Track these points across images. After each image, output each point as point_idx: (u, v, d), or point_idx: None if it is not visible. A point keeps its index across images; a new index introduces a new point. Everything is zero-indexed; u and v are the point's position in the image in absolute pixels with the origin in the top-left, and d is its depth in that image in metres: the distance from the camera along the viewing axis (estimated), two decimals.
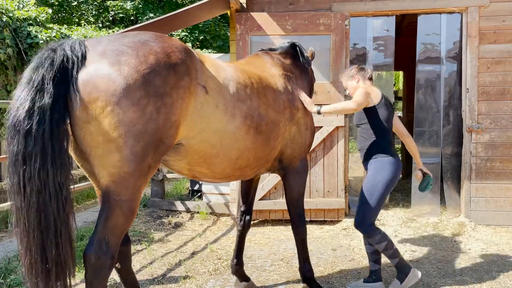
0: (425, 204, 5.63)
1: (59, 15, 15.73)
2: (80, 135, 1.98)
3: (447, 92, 5.75)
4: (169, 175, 6.33)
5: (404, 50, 7.27)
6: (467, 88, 5.26)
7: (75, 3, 15.35)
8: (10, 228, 4.80)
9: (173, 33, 13.89)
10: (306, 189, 5.31)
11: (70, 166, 1.96)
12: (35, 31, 6.24)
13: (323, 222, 5.38)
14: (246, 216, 3.37)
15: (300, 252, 3.32)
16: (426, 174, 3.50)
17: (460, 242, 4.61)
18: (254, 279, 3.57)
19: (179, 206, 6.03)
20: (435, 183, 5.64)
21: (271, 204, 5.38)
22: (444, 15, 5.53)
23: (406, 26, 7.52)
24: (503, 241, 4.65)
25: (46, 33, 6.36)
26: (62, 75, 1.93)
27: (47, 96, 1.87)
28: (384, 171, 3.16)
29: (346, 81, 3.42)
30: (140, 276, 3.70)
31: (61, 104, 1.91)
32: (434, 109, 5.78)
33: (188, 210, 5.98)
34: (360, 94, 3.10)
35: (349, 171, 5.88)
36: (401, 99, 10.50)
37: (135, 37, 2.15)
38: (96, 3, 15.91)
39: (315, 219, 5.39)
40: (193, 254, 4.33)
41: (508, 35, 5.17)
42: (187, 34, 14.88)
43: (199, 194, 6.52)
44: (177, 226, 5.38)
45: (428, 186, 3.48)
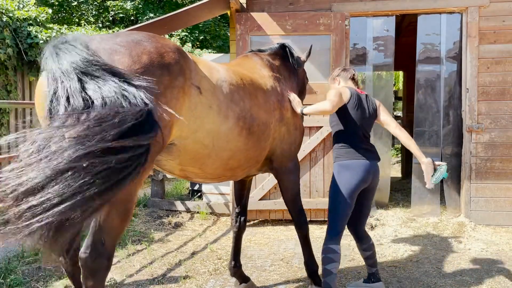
0: (425, 204, 5.63)
1: (59, 15, 15.73)
2: None
3: (447, 92, 5.75)
4: (169, 175, 6.33)
5: (404, 50, 7.27)
6: (467, 88, 5.26)
7: (75, 3, 15.35)
8: None
9: (173, 33, 13.90)
10: (306, 189, 5.36)
11: None
12: (35, 31, 6.24)
13: (323, 222, 5.37)
14: (241, 217, 3.37)
15: (304, 248, 3.33)
16: (438, 165, 3.02)
17: (460, 242, 4.61)
18: (254, 279, 3.57)
19: (179, 206, 6.03)
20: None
21: (271, 204, 5.38)
22: (444, 15, 5.53)
23: (406, 26, 7.52)
24: (503, 241, 4.65)
25: (46, 33, 6.36)
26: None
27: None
28: (342, 177, 3.00)
29: (330, 83, 3.40)
30: (140, 276, 3.70)
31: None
32: (434, 109, 5.78)
33: (188, 210, 5.98)
34: (333, 94, 3.01)
35: None
36: (401, 99, 10.50)
37: (128, 36, 2.12)
38: (96, 3, 15.90)
39: (315, 219, 5.39)
40: (193, 254, 4.33)
41: (508, 35, 5.17)
42: (187, 34, 14.87)
43: (199, 194, 6.53)
44: (177, 226, 5.38)
45: (444, 174, 3.00)
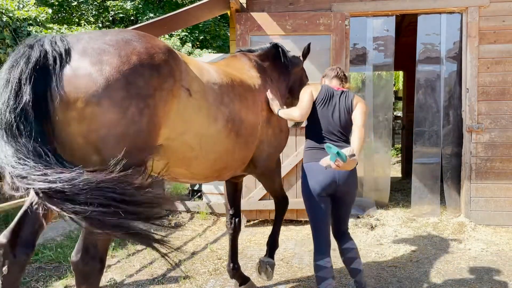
0: (425, 204, 5.63)
1: (59, 15, 15.73)
2: (60, 136, 1.89)
3: (447, 92, 5.75)
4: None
5: (404, 50, 7.27)
6: (467, 88, 5.26)
7: (75, 3, 15.34)
8: None
9: (173, 33, 13.89)
10: None
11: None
12: (35, 31, 6.25)
13: None
14: (235, 218, 3.37)
15: (276, 226, 3.56)
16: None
17: (460, 242, 4.61)
18: (254, 279, 3.57)
19: (179, 206, 6.03)
20: (435, 183, 5.65)
21: (271, 204, 5.37)
22: (444, 15, 5.53)
23: (406, 26, 7.52)
24: (503, 241, 4.65)
25: (46, 33, 6.36)
26: (41, 74, 1.82)
27: (26, 98, 1.75)
28: (304, 182, 2.90)
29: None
30: (140, 276, 3.70)
31: (42, 106, 1.80)
32: (434, 109, 5.78)
33: (188, 210, 5.98)
34: (305, 99, 2.91)
35: None
36: (401, 99, 10.50)
37: (118, 35, 2.06)
38: (96, 3, 15.90)
39: None
40: (193, 254, 4.33)
41: (508, 35, 5.17)
42: (187, 34, 14.87)
43: (199, 194, 6.52)
44: (177, 226, 5.37)
45: (332, 154, 2.47)
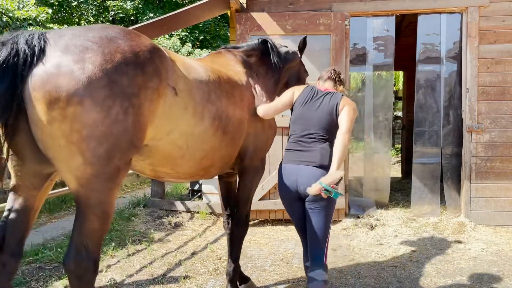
0: (425, 204, 5.63)
1: (59, 15, 15.73)
2: (41, 138, 1.86)
3: (447, 92, 5.75)
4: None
5: (404, 50, 7.27)
6: (467, 88, 5.26)
7: (75, 3, 15.35)
8: None
9: (173, 33, 13.89)
10: None
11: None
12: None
13: None
14: (231, 219, 3.32)
15: (235, 251, 3.20)
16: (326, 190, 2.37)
17: (460, 242, 4.61)
18: (254, 279, 3.57)
19: (179, 206, 6.03)
20: (435, 183, 5.65)
21: (271, 204, 5.38)
22: (444, 15, 5.53)
23: (406, 26, 7.52)
24: (503, 241, 4.65)
25: None
26: (12, 72, 1.77)
27: None
28: (278, 184, 2.81)
29: None
30: (140, 276, 3.70)
31: (10, 105, 1.77)
32: (434, 109, 5.78)
33: (188, 210, 5.98)
34: (281, 97, 2.91)
35: (349, 171, 5.88)
36: (401, 99, 10.50)
37: (102, 31, 2.00)
38: (96, 3, 15.90)
39: None
40: (193, 254, 4.33)
41: (508, 35, 5.17)
42: (187, 34, 14.88)
43: (199, 194, 6.52)
44: (177, 226, 5.37)
45: (335, 194, 2.40)
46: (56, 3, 15.12)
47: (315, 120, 2.68)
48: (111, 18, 16.02)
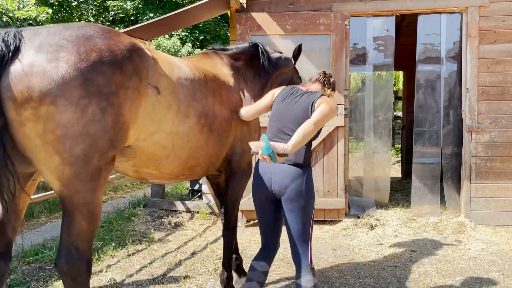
0: (425, 204, 5.63)
1: (59, 15, 15.72)
2: (17, 138, 1.85)
3: (447, 92, 5.75)
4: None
5: (404, 50, 7.27)
6: (467, 88, 5.26)
7: (75, 3, 15.34)
8: None
9: (173, 33, 13.89)
10: None
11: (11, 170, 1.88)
12: None
13: (323, 222, 5.37)
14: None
15: (226, 256, 3.19)
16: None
17: (460, 242, 4.61)
18: None
19: (179, 206, 6.03)
20: (435, 183, 5.65)
21: None
22: (444, 15, 5.53)
23: (406, 26, 7.52)
24: (503, 241, 4.65)
25: None
26: None
27: None
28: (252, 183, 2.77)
29: None
30: (140, 276, 3.70)
31: None
32: (434, 109, 5.78)
33: (188, 210, 5.98)
34: (263, 98, 2.90)
35: (349, 171, 5.89)
36: (401, 99, 10.50)
37: (79, 30, 1.97)
38: (96, 3, 15.90)
39: (315, 219, 5.35)
40: (193, 254, 4.33)
41: (508, 35, 5.17)
42: (187, 34, 14.88)
43: (199, 194, 6.52)
44: (177, 226, 5.38)
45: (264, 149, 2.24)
46: (56, 3, 15.11)
47: (291, 117, 2.59)
48: (111, 18, 16.03)
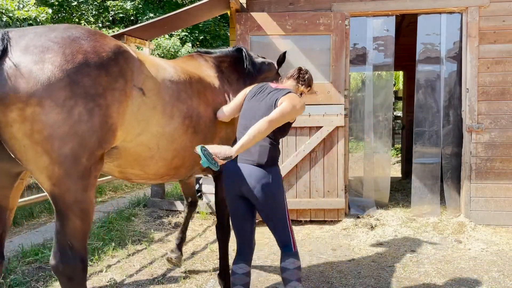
0: (425, 204, 5.63)
1: (59, 15, 15.72)
2: (5, 138, 1.86)
3: (447, 92, 5.75)
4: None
5: (404, 50, 7.27)
6: (467, 88, 5.26)
7: (75, 3, 15.34)
8: (10, 229, 4.79)
9: (173, 33, 13.88)
10: (306, 189, 5.36)
11: None
12: None
13: (323, 222, 5.37)
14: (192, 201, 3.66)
15: (222, 257, 3.23)
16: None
17: (460, 242, 4.61)
18: (254, 279, 3.57)
19: (179, 206, 6.03)
20: (435, 183, 5.65)
21: None
22: (444, 15, 5.52)
23: (406, 26, 7.52)
24: (503, 241, 4.65)
25: None
26: None
27: None
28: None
29: None
30: (140, 276, 3.70)
31: None
32: (434, 109, 5.78)
33: None
34: (235, 98, 2.92)
35: (349, 171, 5.89)
36: (401, 99, 10.49)
37: (65, 32, 1.99)
38: (96, 3, 15.90)
39: (315, 219, 5.38)
40: (193, 254, 4.33)
41: (508, 35, 5.17)
42: (187, 34, 14.88)
43: (199, 194, 6.52)
44: (177, 226, 5.37)
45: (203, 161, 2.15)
46: (56, 3, 15.11)
47: (256, 114, 2.55)
48: (111, 18, 16.03)
